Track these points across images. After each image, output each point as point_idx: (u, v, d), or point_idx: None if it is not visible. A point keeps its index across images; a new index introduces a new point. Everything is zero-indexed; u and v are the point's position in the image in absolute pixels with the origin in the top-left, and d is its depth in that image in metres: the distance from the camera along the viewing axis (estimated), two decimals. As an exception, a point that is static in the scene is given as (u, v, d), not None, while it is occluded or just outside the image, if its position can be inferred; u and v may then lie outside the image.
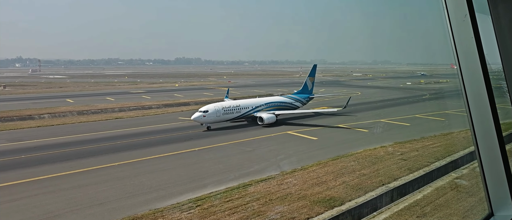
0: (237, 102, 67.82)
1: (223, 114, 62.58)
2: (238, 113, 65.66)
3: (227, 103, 65.95)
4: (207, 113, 60.22)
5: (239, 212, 27.85)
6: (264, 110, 69.91)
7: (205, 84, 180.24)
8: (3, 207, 29.51)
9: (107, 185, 34.79)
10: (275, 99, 78.43)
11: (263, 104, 71.40)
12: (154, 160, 44.20)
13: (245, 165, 41.73)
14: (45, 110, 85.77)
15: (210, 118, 60.41)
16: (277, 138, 56.28)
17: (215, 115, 61.00)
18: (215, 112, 61.17)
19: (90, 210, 28.88)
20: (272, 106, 72.57)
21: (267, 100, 74.97)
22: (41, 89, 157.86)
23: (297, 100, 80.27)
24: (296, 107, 78.95)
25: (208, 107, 61.74)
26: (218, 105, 63.29)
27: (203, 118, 59.93)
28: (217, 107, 62.08)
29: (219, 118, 61.87)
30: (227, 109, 63.74)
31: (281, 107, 74.37)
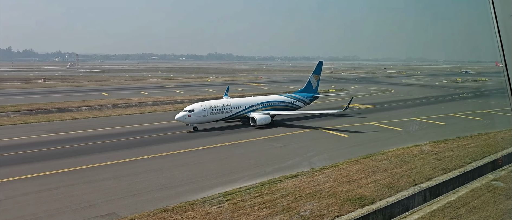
0: (228, 101, 63.00)
1: (211, 114, 57.55)
2: (229, 113, 60.28)
3: (216, 102, 60.50)
4: (192, 112, 55.51)
5: (268, 207, 27.97)
6: (259, 109, 64.47)
7: (236, 80, 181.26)
8: (44, 195, 30.81)
9: (141, 177, 35.69)
10: (273, 98, 71.84)
11: (258, 103, 65.57)
12: (186, 153, 44.95)
13: (277, 160, 41.79)
14: (82, 102, 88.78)
15: (195, 118, 55.79)
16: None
17: (202, 114, 56.20)
18: (202, 111, 56.29)
19: (124, 201, 29.73)
20: (268, 106, 66.76)
21: (263, 99, 68.81)
22: (79, 82, 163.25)
23: (298, 100, 73.78)
24: (296, 108, 72.89)
25: (194, 106, 57.04)
26: (205, 104, 58.27)
27: (188, 117, 55.34)
28: (204, 107, 57.10)
29: (206, 118, 57.00)
30: (216, 108, 58.44)
31: (279, 107, 68.57)
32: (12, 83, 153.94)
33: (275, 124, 62.84)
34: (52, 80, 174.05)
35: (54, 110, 78.27)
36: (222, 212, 27.04)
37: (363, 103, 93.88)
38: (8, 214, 27.12)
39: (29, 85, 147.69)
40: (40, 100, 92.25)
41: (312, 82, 77.66)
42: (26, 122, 65.51)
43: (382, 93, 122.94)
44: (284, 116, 68.18)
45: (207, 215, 26.60)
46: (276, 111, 65.89)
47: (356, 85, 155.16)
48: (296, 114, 69.74)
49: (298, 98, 73.85)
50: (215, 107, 58.23)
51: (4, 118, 69.93)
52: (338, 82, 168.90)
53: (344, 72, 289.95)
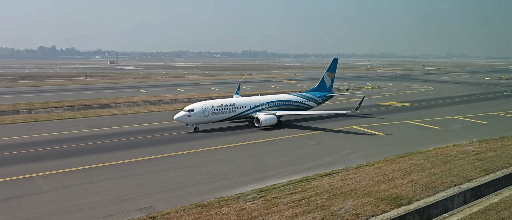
0: (231, 101, 59.26)
1: (213, 114, 54.70)
2: (232, 113, 57.08)
3: (218, 102, 57.33)
4: (192, 112, 52.90)
5: (302, 205, 27.89)
6: (266, 109, 60.70)
7: (270, 77, 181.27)
8: (85, 188, 32.05)
9: (176, 172, 36.43)
10: (281, 97, 66.94)
11: (264, 103, 61.73)
12: (220, 150, 45.44)
13: (311, 158, 41.57)
14: (121, 99, 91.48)
15: (196, 118, 53.17)
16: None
17: (202, 114, 53.52)
18: (202, 111, 53.57)
19: (160, 195, 30.46)
20: (276, 105, 62.72)
21: (270, 98, 64.42)
22: (118, 79, 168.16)
23: (310, 99, 69.05)
24: (307, 108, 68.31)
25: (194, 106, 54.25)
26: (206, 103, 55.35)
27: (188, 117, 52.79)
28: (205, 106, 54.31)
29: (207, 118, 54.32)
30: (218, 108, 55.44)
31: (288, 107, 64.50)
32: (56, 80, 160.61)
33: (282, 125, 59.58)
34: (93, 77, 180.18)
35: (95, 106, 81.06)
36: (255, 209, 27.20)
37: (400, 101, 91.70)
38: (52, 206, 28.39)
39: (72, 82, 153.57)
40: (81, 97, 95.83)
41: (326, 81, 73.05)
42: (69, 117, 68.22)
43: (420, 91, 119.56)
44: (291, 116, 64.27)
45: (241, 211, 26.84)
46: (284, 111, 62.14)
47: (392, 82, 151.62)
48: (303, 114, 65.75)
49: (309, 97, 69.44)
50: (217, 107, 55.33)
51: (49, 113, 73.12)
52: (374, 80, 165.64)
53: (380, 69, 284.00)
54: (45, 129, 57.68)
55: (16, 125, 61.54)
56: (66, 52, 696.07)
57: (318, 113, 66.79)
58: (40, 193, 31.09)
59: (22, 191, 31.28)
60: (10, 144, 48.00)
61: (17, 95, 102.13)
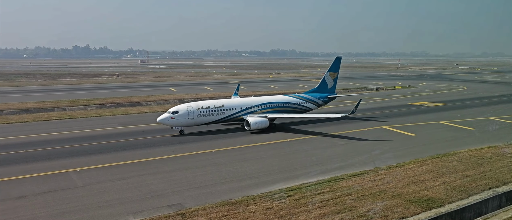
0: (220, 102, 55.71)
1: (199, 116, 51.74)
2: (220, 115, 53.97)
3: (206, 103, 54.04)
4: (176, 114, 50.33)
5: (330, 205, 27.65)
6: (259, 111, 57.13)
7: (299, 76, 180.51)
8: (116, 184, 32.86)
9: (205, 170, 36.82)
10: (276, 99, 62.92)
11: (257, 105, 58.10)
12: (248, 148, 45.63)
13: (340, 158, 41.14)
14: (152, 97, 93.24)
15: (180, 120, 50.59)
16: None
17: (188, 116, 50.80)
18: (187, 113, 50.83)
19: (189, 192, 30.87)
20: (270, 107, 59.01)
21: (264, 100, 60.82)
22: (148, 78, 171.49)
23: (308, 101, 64.75)
24: (305, 110, 64.17)
25: (178, 108, 51.67)
26: (192, 105, 52.56)
27: (171, 120, 50.30)
28: (190, 108, 51.50)
29: (193, 121, 51.46)
30: (205, 110, 52.39)
31: (284, 109, 60.53)
32: (89, 79, 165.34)
33: (276, 128, 56.26)
34: (124, 76, 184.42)
35: (126, 103, 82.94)
36: (283, 208, 27.16)
37: (432, 101, 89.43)
38: (85, 200, 29.27)
39: (104, 80, 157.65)
40: (113, 95, 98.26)
41: (327, 81, 68.26)
42: (101, 115, 70.11)
43: (454, 90, 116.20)
44: (285, 119, 59.52)
45: (268, 210, 26.86)
46: (277, 113, 57.81)
47: (424, 82, 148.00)
48: (297, 117, 60.73)
49: (308, 99, 64.98)
50: (203, 108, 52.37)
51: (82, 111, 75.39)
52: (405, 79, 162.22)
53: (412, 68, 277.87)
54: (79, 126, 59.50)
55: (52, 122, 63.76)
56: (99, 52, 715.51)
57: (311, 116, 61.05)
58: (73, 187, 32.09)
59: (57, 186, 32.38)
60: (46, 140, 49.77)
61: (52, 93, 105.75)
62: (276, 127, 56.59)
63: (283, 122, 60.32)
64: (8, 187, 32.03)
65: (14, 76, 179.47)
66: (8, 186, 32.42)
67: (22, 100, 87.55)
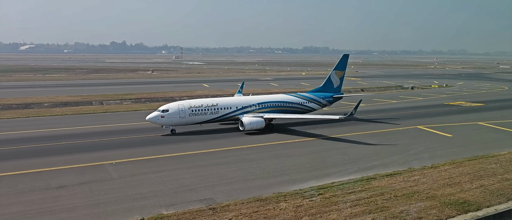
0: (214, 101, 53.76)
1: (191, 115, 49.90)
2: (214, 114, 51.95)
3: (198, 102, 52.33)
4: (166, 113, 48.54)
5: (361, 205, 27.30)
6: (256, 111, 54.58)
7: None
8: (150, 177, 33.69)
9: (236, 166, 37.15)
10: (276, 98, 60.03)
11: (254, 104, 55.52)
12: (279, 145, 45.65)
13: (372, 157, 40.53)
14: (185, 93, 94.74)
15: (170, 119, 48.76)
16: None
17: (178, 115, 48.95)
18: (178, 111, 49.01)
19: (220, 188, 31.25)
20: (268, 107, 56.29)
21: (262, 99, 58.24)
22: (182, 74, 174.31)
23: (311, 101, 61.20)
24: (307, 110, 60.82)
25: (169, 106, 49.99)
26: (183, 103, 50.87)
27: (161, 118, 48.49)
28: (182, 106, 49.71)
29: (184, 120, 49.64)
30: (197, 109, 50.56)
31: (284, 109, 57.37)
32: (125, 74, 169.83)
33: (274, 128, 53.85)
34: (159, 71, 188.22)
35: (160, 98, 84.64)
36: (313, 206, 27.04)
37: (470, 101, 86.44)
38: (119, 192, 30.18)
39: (139, 75, 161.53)
40: (148, 90, 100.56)
41: (333, 80, 64.42)
42: (136, 109, 71.92)
43: (493, 90, 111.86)
44: (282, 119, 56.32)
45: (299, 207, 26.81)
46: (276, 113, 55.06)
47: (462, 81, 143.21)
48: (293, 118, 56.62)
49: (310, 98, 61.46)
50: (196, 107, 50.58)
51: (119, 105, 77.59)
52: (442, 78, 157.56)
53: (449, 67, 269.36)
54: (115, 120, 61.29)
55: (90, 115, 66.01)
56: (135, 47, 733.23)
57: (309, 117, 57.67)
58: (109, 179, 33.14)
59: (94, 177, 33.53)
60: (84, 132, 51.58)
61: (90, 87, 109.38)
62: (273, 128, 53.80)
63: (285, 122, 57.38)
64: (49, 177, 33.46)
65: (55, 70, 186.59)
66: (49, 175, 33.87)
67: (62, 94, 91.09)
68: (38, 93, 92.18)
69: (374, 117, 65.55)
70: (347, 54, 67.47)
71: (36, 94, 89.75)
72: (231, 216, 25.50)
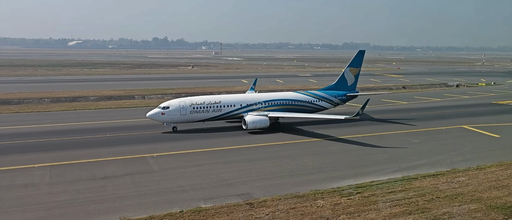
0: (216, 98, 52.41)
1: (192, 112, 48.76)
2: (217, 112, 50.40)
3: (200, 99, 51.08)
4: (167, 110, 47.79)
5: (401, 205, 26.65)
6: (262, 109, 52.47)
7: (372, 70, 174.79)
8: (189, 171, 34.39)
9: (273, 162, 37.23)
10: (283, 96, 57.38)
11: (260, 102, 53.30)
12: (316, 142, 45.31)
13: (414, 156, 39.45)
14: (224, 88, 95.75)
15: (171, 116, 47.92)
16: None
17: (179, 112, 48.00)
18: (179, 109, 48.06)
19: (257, 183, 31.43)
20: (275, 105, 53.93)
21: (269, 96, 55.78)
22: (221, 69, 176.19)
23: (322, 99, 57.94)
24: (318, 109, 57.60)
25: (170, 103, 49.00)
26: (185, 100, 49.80)
27: (161, 115, 47.78)
28: (183, 103, 48.64)
29: (185, 117, 48.54)
30: (199, 106, 49.20)
31: (292, 108, 54.64)
32: (166, 69, 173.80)
33: (281, 127, 51.80)
34: (199, 67, 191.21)
35: (200, 93, 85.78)
36: (351, 205, 26.68)
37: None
38: (160, 184, 31.02)
39: (180, 71, 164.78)
40: (188, 85, 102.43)
41: (347, 78, 61.24)
42: (177, 104, 73.29)
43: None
44: (291, 118, 53.97)
45: (336, 205, 26.54)
46: (283, 112, 52.75)
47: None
48: (300, 117, 53.65)
49: (322, 97, 58.12)
50: (197, 104, 49.26)
51: (160, 99, 79.26)
52: (490, 76, 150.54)
53: (498, 64, 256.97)
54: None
55: (132, 109, 68.09)
56: (176, 43, 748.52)
57: (313, 116, 53.86)
58: (150, 172, 34.13)
59: (136, 169, 34.64)
60: (127, 126, 53.32)
61: (133, 82, 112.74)
62: (280, 127, 51.79)
63: (293, 121, 55.07)
64: (94, 167, 34.89)
65: (100, 65, 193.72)
66: (94, 166, 35.32)
67: (107, 88, 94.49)
68: (84, 87, 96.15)
69: (416, 115, 63.71)
70: (363, 50, 63.91)
71: (83, 88, 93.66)
72: (268, 211, 25.60)
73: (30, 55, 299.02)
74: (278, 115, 51.41)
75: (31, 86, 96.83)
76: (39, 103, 72.23)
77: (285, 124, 53.73)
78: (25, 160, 36.66)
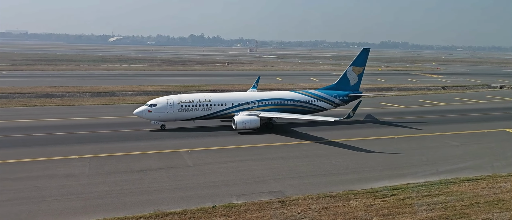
0: (207, 96, 50.17)
1: (180, 111, 47.53)
2: (207, 111, 48.89)
3: (189, 97, 49.49)
4: (154, 107, 46.87)
5: (438, 209, 25.88)
6: (254, 109, 50.49)
7: (410, 70, 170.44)
8: (222, 167, 34.78)
9: (307, 160, 37.04)
10: (278, 95, 54.91)
11: (253, 101, 51.28)
12: (352, 142, 44.55)
13: (453, 160, 38.21)
14: (258, 85, 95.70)
15: (158, 114, 46.95)
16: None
17: (167, 110, 46.93)
18: (166, 106, 46.96)
19: (290, 181, 31.37)
20: (269, 104, 51.86)
21: (262, 95, 53.71)
22: (256, 67, 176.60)
23: (321, 99, 55.04)
24: (317, 110, 54.91)
25: (157, 100, 48.04)
26: (173, 98, 48.64)
27: (148, 113, 46.91)
28: (171, 101, 47.50)
29: (173, 115, 47.46)
30: (188, 104, 48.00)
31: (287, 108, 52.23)
32: (202, 66, 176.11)
33: (275, 129, 49.77)
34: (234, 64, 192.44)
35: (234, 90, 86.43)
36: (385, 207, 26.18)
37: None
38: (194, 179, 31.55)
39: (215, 68, 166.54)
40: (223, 82, 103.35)
41: (349, 77, 58.00)
42: (211, 100, 74.13)
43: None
44: (282, 119, 51.57)
45: (370, 207, 26.12)
46: (277, 112, 50.56)
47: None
48: (292, 118, 50.52)
49: (320, 97, 55.21)
50: (186, 102, 48.06)
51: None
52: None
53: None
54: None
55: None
56: (212, 40, 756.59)
57: (303, 118, 50.20)
58: (185, 166, 34.76)
59: (171, 163, 35.38)
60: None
61: (170, 78, 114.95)
62: (273, 128, 49.84)
63: (289, 122, 53.12)
64: (132, 160, 35.91)
65: (138, 61, 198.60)
66: (132, 159, 36.35)
67: (144, 83, 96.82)
68: (123, 82, 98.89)
69: (456, 117, 61.69)
70: (367, 48, 60.40)
71: (121, 83, 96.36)
72: (300, 210, 25.52)
73: (73, 50, 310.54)
74: (269, 115, 49.40)
75: (74, 80, 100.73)
76: (81, 97, 75.01)
77: (281, 125, 51.96)
78: (66, 151, 38.22)
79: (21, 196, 27.52)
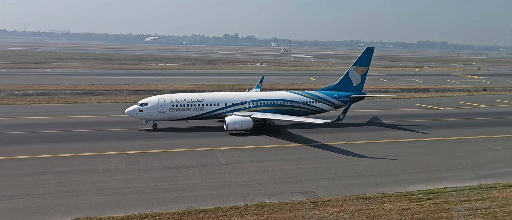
0: (199, 96, 49.31)
1: (171, 110, 46.83)
2: (199, 111, 47.95)
3: (181, 96, 48.55)
4: (145, 107, 46.19)
5: (476, 215, 24.96)
6: (248, 109, 49.25)
7: (449, 71, 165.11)
8: (255, 166, 34.95)
9: (339, 161, 36.62)
10: (275, 95, 53.44)
11: (247, 101, 49.99)
12: (386, 144, 43.68)
13: (494, 164, 36.76)
14: (291, 85, 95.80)
15: (149, 114, 46.32)
16: None
17: (157, 110, 46.27)
18: (157, 106, 46.31)
19: (322, 182, 31.09)
20: (265, 105, 50.36)
21: (257, 96, 52.25)
22: (289, 67, 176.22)
23: (320, 100, 53.00)
24: (316, 111, 52.97)
25: (149, 99, 47.42)
26: (164, 97, 47.96)
27: (139, 112, 46.30)
28: (162, 101, 46.86)
29: (164, 115, 46.76)
30: (179, 104, 47.19)
31: (283, 109, 50.60)
32: (236, 65, 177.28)
33: (270, 130, 48.40)
34: (267, 63, 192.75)
35: (267, 90, 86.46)
36: (421, 211, 25.50)
37: None
38: (226, 177, 31.85)
39: (249, 67, 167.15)
40: (256, 81, 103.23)
41: (352, 77, 55.42)
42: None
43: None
44: (276, 121, 50.34)
45: (405, 210, 25.53)
46: (273, 113, 48.95)
47: None
48: (283, 119, 48.55)
49: (319, 98, 53.18)
50: (178, 102, 47.29)
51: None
52: None
53: None
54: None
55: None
56: (246, 40, 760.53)
57: (295, 119, 47.54)
58: (217, 165, 35.15)
59: (204, 161, 35.87)
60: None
61: (204, 77, 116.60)
62: (268, 129, 48.54)
63: (286, 124, 51.54)
64: (167, 157, 36.68)
65: (174, 60, 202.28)
66: (166, 156, 37.12)
67: (179, 82, 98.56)
68: (159, 80, 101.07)
69: (496, 119, 59.29)
70: (371, 48, 58.05)
71: (157, 81, 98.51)
72: (332, 211, 25.28)
73: (112, 50, 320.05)
74: (262, 116, 47.94)
75: (112, 78, 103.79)
76: (118, 95, 77.24)
77: (277, 126, 50.83)
78: (104, 147, 39.51)
79: (61, 189, 28.65)
